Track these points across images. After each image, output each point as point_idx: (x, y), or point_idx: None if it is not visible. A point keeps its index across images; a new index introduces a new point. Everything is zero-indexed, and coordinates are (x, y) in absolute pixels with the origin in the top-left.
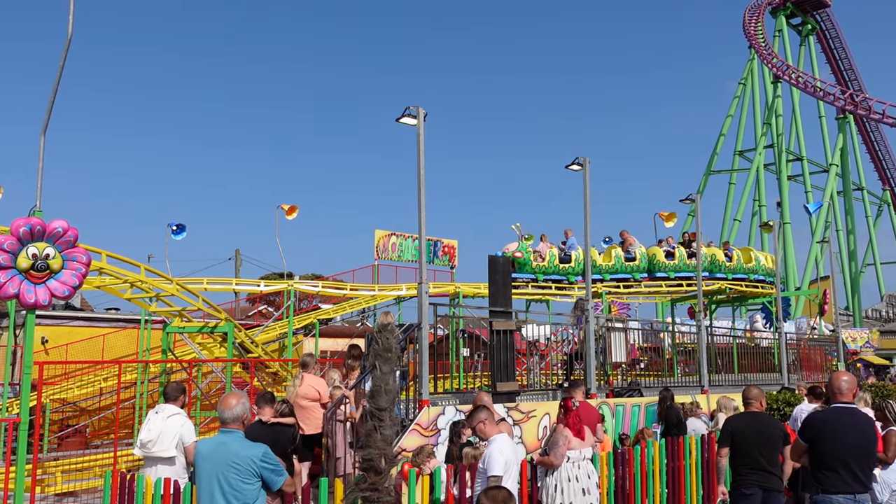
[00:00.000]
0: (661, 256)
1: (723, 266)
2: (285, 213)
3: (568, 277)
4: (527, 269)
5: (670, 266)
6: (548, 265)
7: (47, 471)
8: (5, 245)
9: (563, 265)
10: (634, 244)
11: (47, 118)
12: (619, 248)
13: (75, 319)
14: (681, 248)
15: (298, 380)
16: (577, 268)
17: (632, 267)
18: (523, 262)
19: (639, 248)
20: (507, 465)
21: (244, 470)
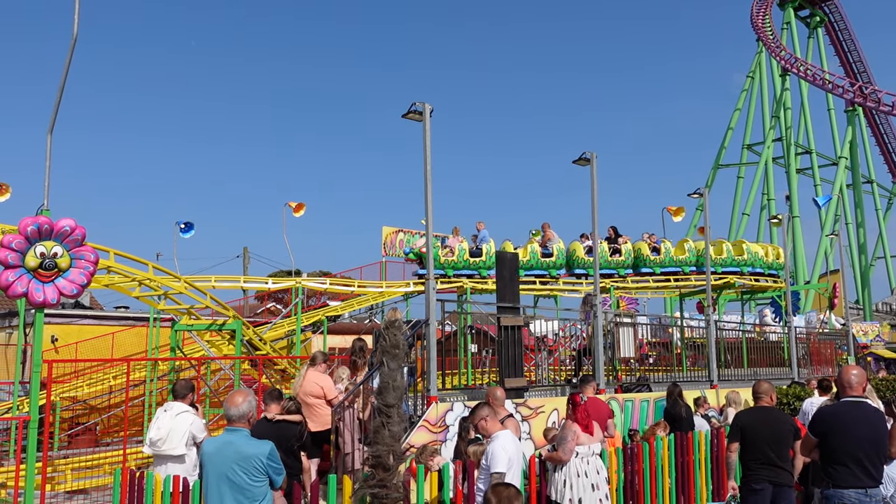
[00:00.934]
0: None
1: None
2: (293, 211)
3: (480, 272)
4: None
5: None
6: (457, 260)
7: (57, 468)
8: (13, 244)
9: (473, 259)
10: (553, 239)
11: (53, 118)
12: (536, 242)
13: (84, 318)
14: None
15: (302, 376)
16: (488, 262)
17: (548, 263)
18: None
19: (557, 244)
20: (510, 462)
21: (251, 468)
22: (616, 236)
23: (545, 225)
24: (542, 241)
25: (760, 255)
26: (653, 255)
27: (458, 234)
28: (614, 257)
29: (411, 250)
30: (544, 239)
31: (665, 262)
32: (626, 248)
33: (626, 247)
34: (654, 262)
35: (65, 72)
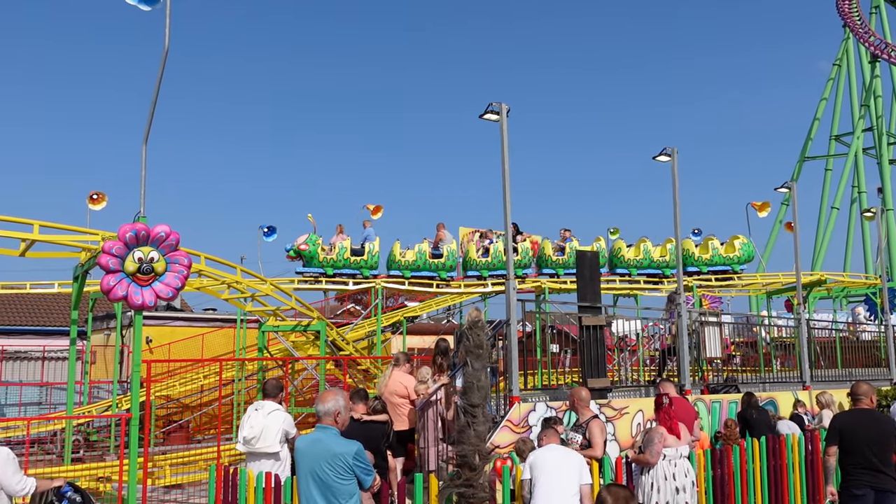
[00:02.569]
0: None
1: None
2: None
3: (362, 271)
4: (314, 263)
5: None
6: (336, 258)
7: (157, 464)
8: (114, 250)
9: (355, 258)
10: (446, 240)
11: (148, 128)
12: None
13: (176, 320)
14: None
15: (387, 376)
16: (370, 261)
17: (437, 264)
18: (310, 256)
19: (449, 245)
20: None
21: (338, 467)
22: (516, 234)
23: (439, 225)
24: (433, 242)
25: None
26: (556, 255)
27: (343, 233)
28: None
29: (292, 247)
30: (436, 239)
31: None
32: (522, 247)
33: (522, 245)
34: (556, 263)
35: (157, 83)
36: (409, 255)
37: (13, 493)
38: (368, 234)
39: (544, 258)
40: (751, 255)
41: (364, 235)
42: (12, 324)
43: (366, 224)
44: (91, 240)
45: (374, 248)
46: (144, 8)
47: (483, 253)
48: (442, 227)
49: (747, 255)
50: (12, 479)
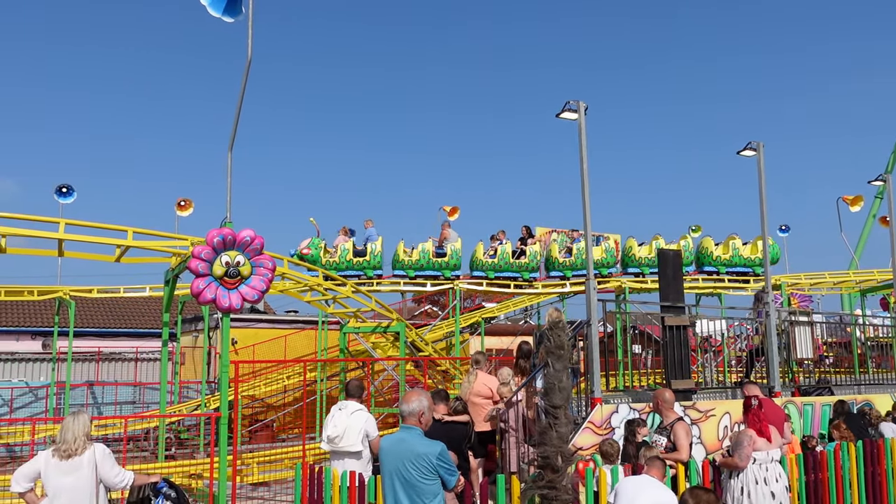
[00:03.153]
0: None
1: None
2: (447, 215)
3: (365, 272)
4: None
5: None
6: (339, 260)
7: (245, 462)
8: (202, 254)
9: (357, 259)
10: (450, 238)
11: (233, 135)
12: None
13: (260, 322)
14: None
15: (472, 377)
16: (373, 261)
17: (441, 263)
18: (313, 259)
19: (454, 244)
20: None
21: (422, 467)
22: (528, 236)
23: (444, 224)
24: (437, 241)
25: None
26: (564, 257)
27: (347, 233)
28: (520, 259)
29: (296, 252)
30: (440, 238)
31: (577, 264)
32: (531, 251)
33: (532, 248)
34: (564, 265)
35: (241, 92)
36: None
37: (112, 485)
38: (370, 234)
39: (551, 260)
40: (776, 257)
41: (366, 236)
42: (107, 326)
43: (367, 224)
44: (180, 245)
45: (376, 249)
46: (227, 19)
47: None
48: (447, 225)
49: (771, 257)
50: (110, 473)
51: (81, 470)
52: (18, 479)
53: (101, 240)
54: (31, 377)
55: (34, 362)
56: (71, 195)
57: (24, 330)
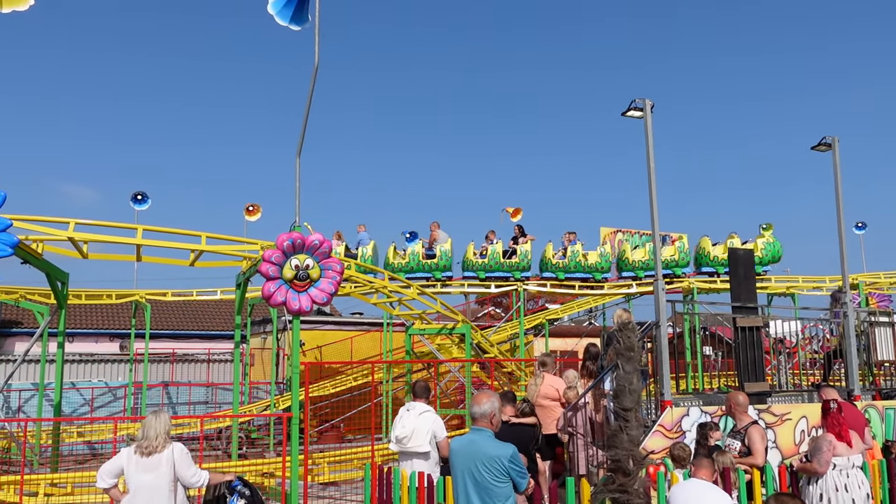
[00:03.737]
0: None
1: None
2: (510, 216)
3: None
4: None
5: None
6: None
7: (315, 461)
8: (273, 258)
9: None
10: (440, 239)
11: (301, 141)
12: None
13: (326, 324)
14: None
15: (540, 379)
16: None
17: (431, 265)
18: None
19: (443, 245)
20: None
21: (494, 469)
22: (521, 235)
23: (433, 225)
24: (427, 243)
25: None
26: (558, 258)
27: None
28: (511, 259)
29: None
30: (430, 240)
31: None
32: (522, 251)
33: (523, 248)
34: (556, 266)
35: (308, 98)
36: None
37: (189, 484)
38: (362, 238)
39: (544, 261)
40: (776, 256)
41: (357, 240)
42: (181, 328)
43: (360, 228)
44: (250, 249)
45: (366, 253)
46: (294, 28)
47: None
48: (436, 226)
49: (772, 256)
50: (187, 472)
51: (161, 468)
52: (103, 476)
53: (176, 245)
54: (110, 377)
55: (112, 363)
56: (146, 202)
57: (103, 332)
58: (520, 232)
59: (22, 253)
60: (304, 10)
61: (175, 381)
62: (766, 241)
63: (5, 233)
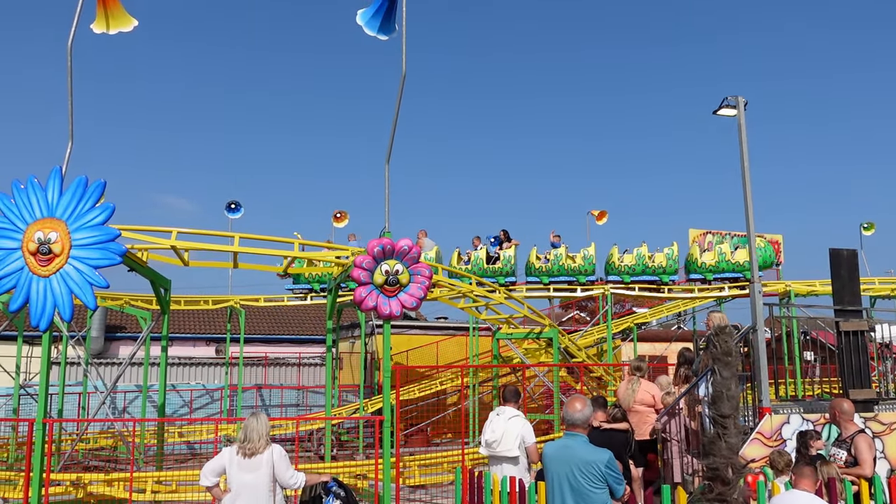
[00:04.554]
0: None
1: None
2: (595, 219)
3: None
4: (302, 280)
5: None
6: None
7: (406, 464)
8: (364, 264)
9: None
10: (426, 247)
11: (389, 148)
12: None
13: (412, 328)
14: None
15: (636, 384)
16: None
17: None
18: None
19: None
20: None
21: (591, 474)
22: (506, 240)
23: (421, 233)
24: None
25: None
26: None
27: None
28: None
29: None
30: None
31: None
32: (505, 256)
33: (507, 253)
34: (539, 271)
35: (397, 106)
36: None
37: (287, 485)
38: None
39: (528, 265)
40: (766, 261)
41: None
42: (273, 333)
43: (421, 234)
44: (341, 255)
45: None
46: (382, 38)
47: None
48: (423, 234)
49: (762, 261)
50: (286, 474)
51: (261, 469)
52: (206, 474)
53: (271, 252)
54: (206, 380)
55: (209, 366)
56: (239, 211)
57: (200, 336)
58: (505, 237)
59: (129, 261)
60: (391, 20)
61: (268, 384)
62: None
63: (114, 242)
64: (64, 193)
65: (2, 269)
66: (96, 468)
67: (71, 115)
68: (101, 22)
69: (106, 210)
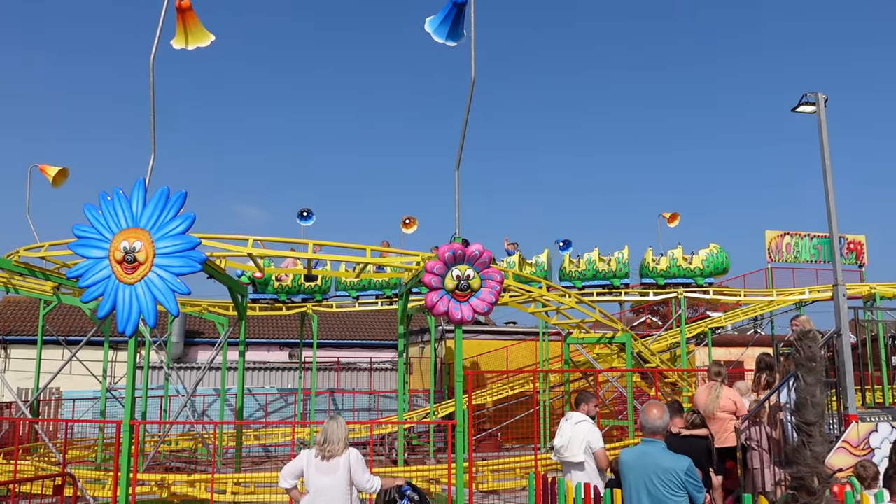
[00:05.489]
0: None
1: None
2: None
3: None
4: (269, 290)
5: None
6: (292, 284)
7: (479, 469)
8: (435, 269)
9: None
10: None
11: (459, 154)
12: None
13: (481, 333)
14: None
15: (718, 390)
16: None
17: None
18: (265, 282)
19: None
20: None
21: (670, 482)
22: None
23: (383, 243)
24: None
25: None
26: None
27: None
28: None
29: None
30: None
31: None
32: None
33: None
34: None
35: (466, 112)
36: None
37: (363, 489)
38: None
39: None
40: (719, 267)
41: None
42: (345, 338)
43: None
44: (411, 261)
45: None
46: (451, 44)
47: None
48: (385, 244)
49: (714, 267)
50: (362, 478)
51: (338, 472)
52: (286, 476)
53: (345, 258)
54: (281, 384)
55: (283, 371)
56: (311, 218)
57: (274, 341)
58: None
59: (208, 268)
60: (460, 26)
61: (340, 389)
62: (710, 252)
63: (195, 250)
64: (147, 204)
65: (90, 277)
66: (177, 469)
67: (153, 129)
68: (181, 38)
69: (187, 219)
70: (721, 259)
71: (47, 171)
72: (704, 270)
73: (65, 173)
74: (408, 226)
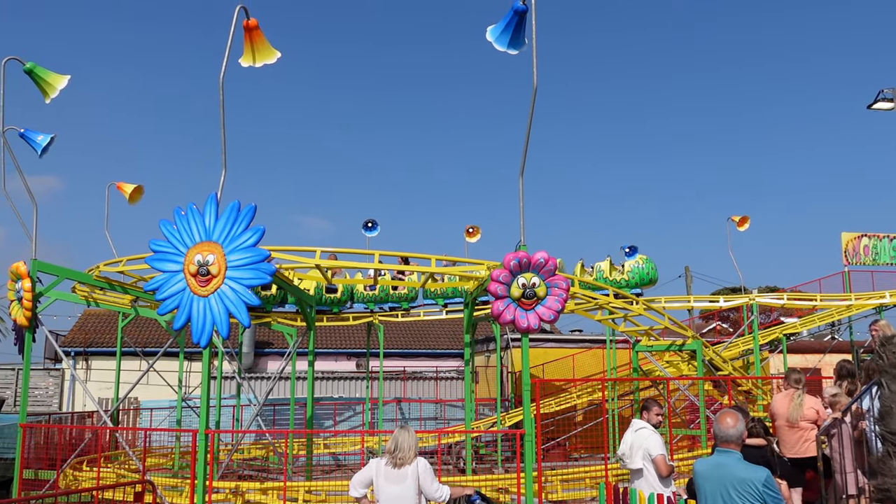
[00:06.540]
0: None
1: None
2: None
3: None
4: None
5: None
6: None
7: (548, 479)
8: (501, 277)
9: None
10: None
11: (523, 161)
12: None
13: (547, 341)
14: None
15: (801, 399)
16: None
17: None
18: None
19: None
20: None
21: (747, 493)
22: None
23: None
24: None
25: None
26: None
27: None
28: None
29: None
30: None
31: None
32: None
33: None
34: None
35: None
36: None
37: (432, 497)
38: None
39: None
40: (645, 278)
41: None
42: (410, 347)
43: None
44: (476, 269)
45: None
46: (512, 52)
47: None
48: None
49: (640, 279)
50: (431, 486)
51: (407, 480)
52: (355, 485)
53: (411, 268)
54: (348, 393)
55: (350, 380)
56: (375, 229)
57: (341, 351)
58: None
59: (277, 280)
60: (521, 34)
61: (406, 398)
62: (636, 263)
63: (265, 263)
64: (219, 218)
65: (166, 290)
66: (250, 477)
67: (223, 145)
68: (248, 56)
69: (257, 232)
70: (647, 270)
71: (124, 189)
72: (630, 282)
73: (140, 190)
74: (471, 234)
